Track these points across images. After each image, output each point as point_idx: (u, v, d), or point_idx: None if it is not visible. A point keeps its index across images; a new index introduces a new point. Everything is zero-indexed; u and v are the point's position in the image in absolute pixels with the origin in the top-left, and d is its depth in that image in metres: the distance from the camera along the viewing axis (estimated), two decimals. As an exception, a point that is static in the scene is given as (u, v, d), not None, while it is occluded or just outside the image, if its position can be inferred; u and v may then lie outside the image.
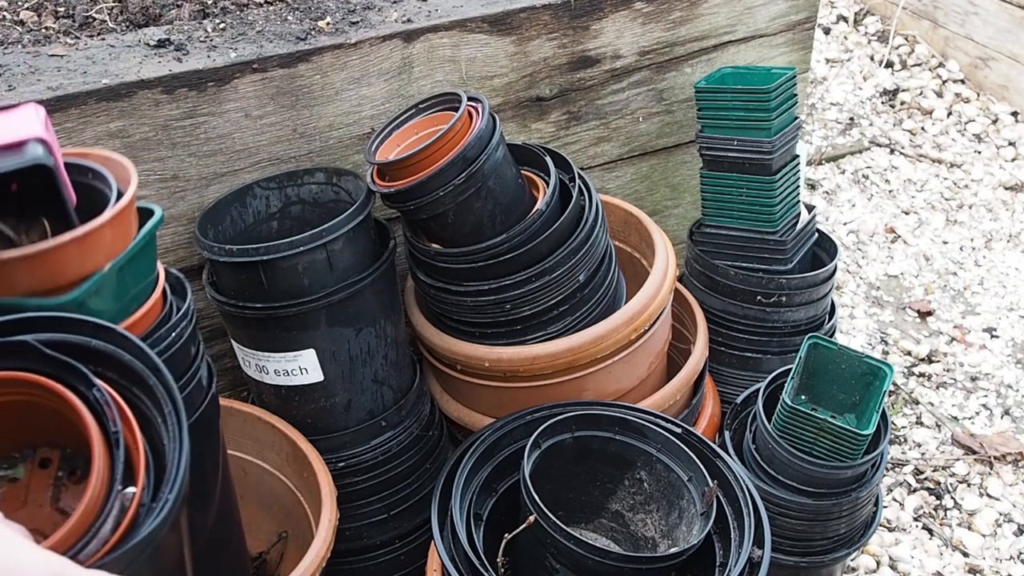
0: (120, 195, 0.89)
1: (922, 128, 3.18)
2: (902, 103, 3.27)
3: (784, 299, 1.67)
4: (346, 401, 1.38)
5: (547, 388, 1.38)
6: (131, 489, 0.67)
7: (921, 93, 3.30)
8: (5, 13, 1.52)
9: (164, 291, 0.99)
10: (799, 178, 1.72)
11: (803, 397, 1.54)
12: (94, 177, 0.91)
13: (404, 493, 1.48)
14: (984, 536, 1.85)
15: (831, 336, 1.74)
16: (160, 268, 0.98)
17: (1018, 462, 2.01)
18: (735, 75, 1.70)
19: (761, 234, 1.67)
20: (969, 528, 1.87)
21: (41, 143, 0.79)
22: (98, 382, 0.69)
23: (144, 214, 0.94)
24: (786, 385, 1.47)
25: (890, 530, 1.87)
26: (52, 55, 1.33)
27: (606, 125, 1.75)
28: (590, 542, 1.03)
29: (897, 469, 2.00)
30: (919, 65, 3.41)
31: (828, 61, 3.51)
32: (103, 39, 1.41)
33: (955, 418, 2.13)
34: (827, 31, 3.64)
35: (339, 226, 1.25)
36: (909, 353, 2.31)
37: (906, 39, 3.51)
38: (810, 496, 1.44)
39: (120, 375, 0.73)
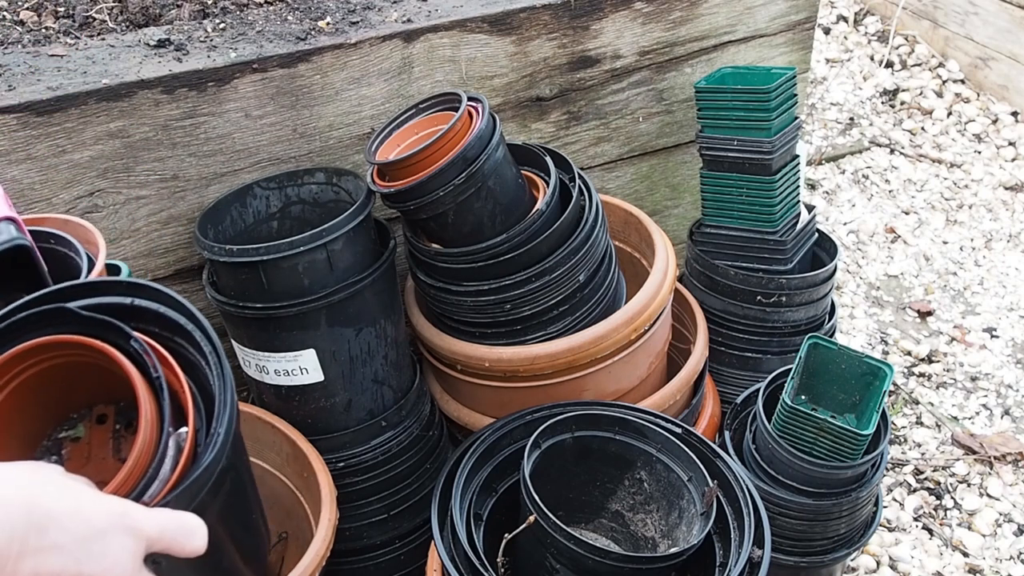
0: (90, 260, 0.92)
1: (922, 128, 3.18)
2: (902, 103, 3.27)
3: (784, 299, 1.67)
4: (346, 401, 1.38)
5: (547, 388, 1.38)
6: (184, 429, 0.69)
7: (921, 93, 3.30)
8: (5, 13, 1.52)
9: None
10: (799, 178, 1.72)
11: (803, 397, 1.54)
12: (57, 242, 0.93)
13: (404, 493, 1.48)
14: (984, 536, 1.85)
15: (831, 336, 1.74)
16: None
17: (1018, 462, 2.01)
18: (735, 75, 1.70)
19: (761, 234, 1.67)
20: (969, 528, 1.87)
21: (12, 222, 0.81)
22: (135, 333, 0.72)
23: (112, 270, 0.95)
24: (786, 385, 1.47)
25: (890, 530, 1.87)
26: (52, 55, 1.33)
27: (606, 125, 1.75)
28: (590, 542, 1.03)
29: (897, 469, 2.00)
30: (919, 65, 3.41)
31: (828, 61, 3.51)
32: (103, 39, 1.41)
33: (955, 418, 2.13)
34: (827, 31, 3.64)
35: (339, 226, 1.25)
36: (909, 353, 2.31)
37: (906, 39, 3.51)
38: (810, 496, 1.44)
39: (160, 327, 0.77)
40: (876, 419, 1.41)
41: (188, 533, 0.62)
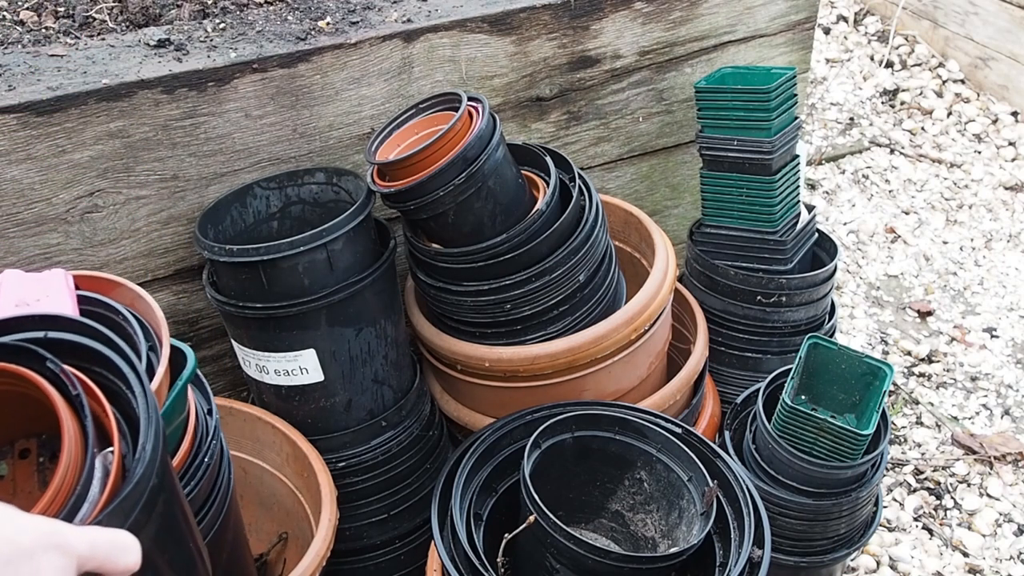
0: (152, 344, 0.91)
1: (922, 128, 3.18)
2: (902, 103, 3.27)
3: (784, 299, 1.67)
4: (346, 401, 1.38)
5: (547, 388, 1.38)
6: (110, 449, 0.67)
7: (921, 93, 3.30)
8: (5, 13, 1.52)
9: (195, 416, 1.00)
10: (799, 178, 1.72)
11: (803, 397, 1.54)
12: (123, 320, 0.92)
13: (404, 493, 1.48)
14: (984, 536, 1.85)
15: (831, 336, 1.74)
16: (191, 401, 0.99)
17: (1018, 462, 2.01)
18: (735, 75, 1.70)
19: (761, 234, 1.67)
20: (969, 528, 1.87)
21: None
22: (50, 356, 0.69)
23: (175, 352, 0.95)
24: (786, 385, 1.47)
25: (890, 530, 1.87)
26: (52, 55, 1.33)
27: (606, 125, 1.75)
28: (590, 542, 1.03)
29: (897, 469, 2.00)
30: (919, 65, 3.41)
31: (828, 61, 3.51)
32: (103, 39, 1.41)
33: (955, 418, 2.13)
34: (827, 31, 3.64)
35: (339, 226, 1.25)
36: (909, 353, 2.31)
37: (906, 39, 3.51)
38: (810, 496, 1.44)
39: (78, 358, 0.74)
40: (876, 419, 1.41)
41: (121, 549, 0.60)
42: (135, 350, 0.89)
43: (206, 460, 0.99)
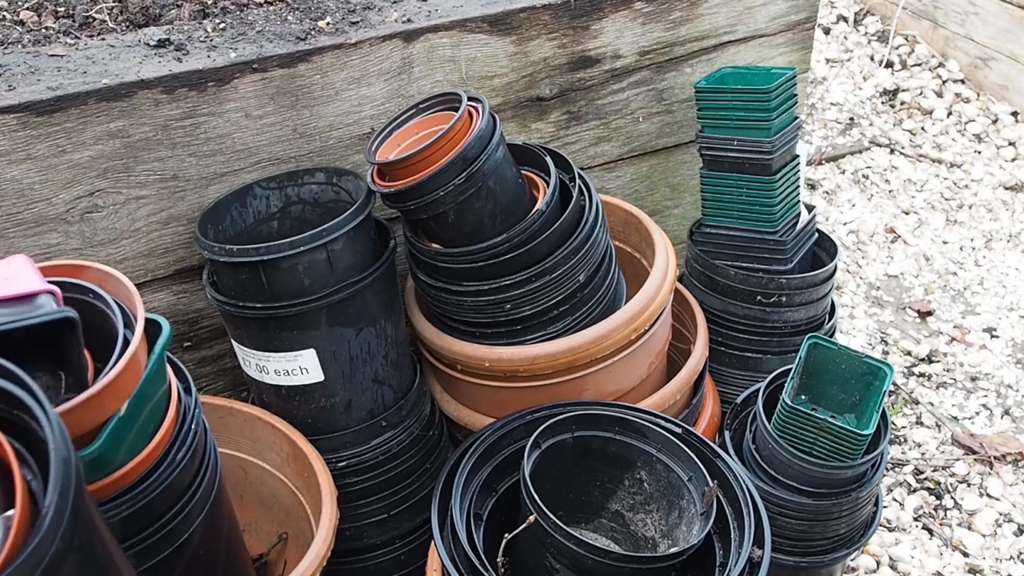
0: (126, 318, 0.90)
1: (922, 128, 3.18)
2: (902, 103, 3.27)
3: (784, 299, 1.67)
4: (346, 401, 1.38)
5: (547, 388, 1.38)
6: (11, 512, 0.60)
7: (921, 93, 3.30)
8: (5, 13, 1.52)
9: (177, 394, 1.00)
10: (799, 178, 1.72)
11: (803, 397, 1.54)
12: (94, 297, 0.92)
13: (404, 493, 1.48)
14: (984, 536, 1.85)
15: (831, 336, 1.74)
16: (169, 374, 0.99)
17: (1018, 462, 2.01)
18: (735, 75, 1.70)
19: (761, 234, 1.67)
20: (969, 528, 1.87)
21: (51, 295, 0.82)
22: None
23: (151, 325, 0.94)
24: (786, 385, 1.47)
25: (890, 530, 1.87)
26: (52, 55, 1.33)
27: (606, 125, 1.75)
28: (590, 542, 1.03)
29: (897, 469, 2.00)
30: (919, 65, 3.41)
31: (828, 61, 3.51)
32: (103, 39, 1.41)
33: (955, 418, 2.13)
34: (827, 31, 3.64)
35: (339, 226, 1.25)
36: (909, 353, 2.31)
37: (906, 39, 3.51)
38: (810, 496, 1.44)
39: None
40: (876, 419, 1.41)
41: None
42: (112, 328, 0.89)
43: (192, 427, 1.00)
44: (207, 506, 1.03)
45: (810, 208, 1.78)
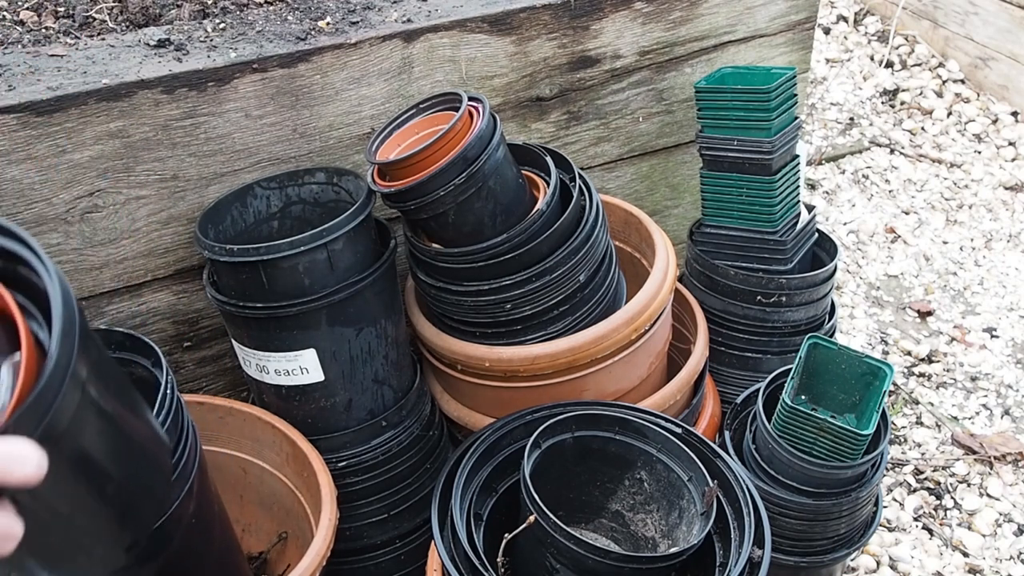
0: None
1: (922, 128, 3.18)
2: (902, 103, 3.27)
3: (784, 299, 1.67)
4: (346, 401, 1.38)
5: (547, 388, 1.38)
6: (17, 353, 0.61)
7: (921, 93, 3.30)
8: (5, 13, 1.52)
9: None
10: (799, 178, 1.72)
11: (803, 397, 1.54)
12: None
13: (404, 493, 1.48)
14: (984, 536, 1.85)
15: (831, 336, 1.74)
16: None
17: (1018, 462, 2.01)
18: (735, 75, 1.70)
19: (761, 234, 1.67)
20: (969, 528, 1.87)
21: None
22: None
23: None
24: (786, 385, 1.47)
25: (890, 530, 1.87)
26: (52, 55, 1.33)
27: (606, 125, 1.75)
28: (590, 542, 1.03)
29: (897, 469, 2.00)
30: (919, 65, 3.41)
31: (828, 61, 3.51)
32: (103, 39, 1.41)
33: (955, 418, 2.13)
34: (827, 31, 3.64)
35: (340, 226, 1.25)
36: (909, 353, 2.31)
37: (906, 39, 3.51)
38: (810, 496, 1.44)
39: None
40: (876, 419, 1.41)
41: (16, 459, 0.56)
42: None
43: (168, 392, 1.01)
44: (192, 475, 1.03)
45: (810, 208, 1.78)
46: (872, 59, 3.49)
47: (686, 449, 1.20)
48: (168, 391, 1.01)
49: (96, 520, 0.69)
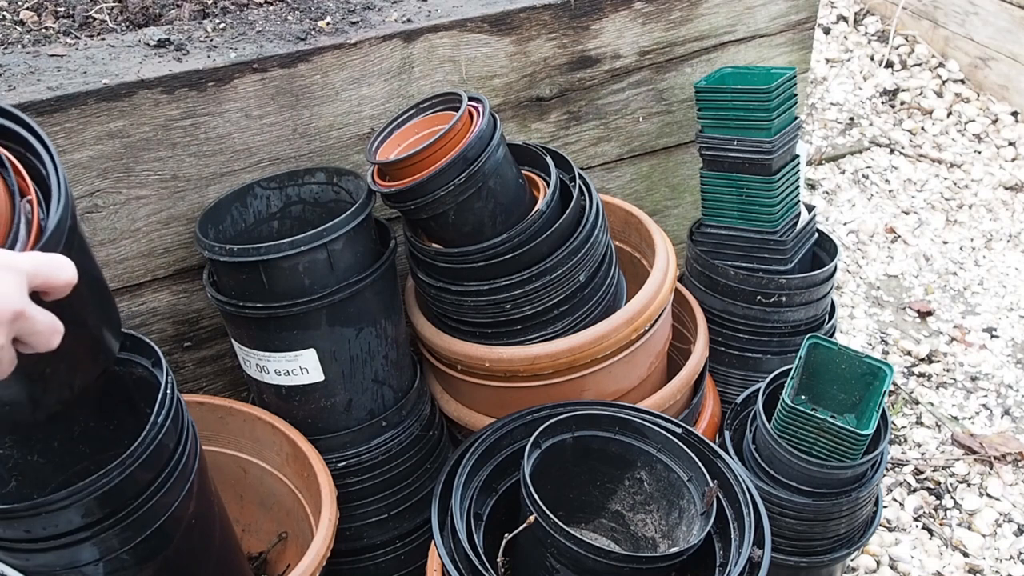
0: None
1: (922, 128, 3.18)
2: (902, 103, 3.27)
3: (784, 299, 1.67)
4: (346, 401, 1.38)
5: (547, 388, 1.38)
6: (27, 199, 0.80)
7: (921, 93, 3.30)
8: (5, 13, 1.52)
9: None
10: (799, 178, 1.72)
11: (803, 397, 1.54)
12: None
13: (404, 493, 1.48)
14: (984, 536, 1.85)
15: (831, 336, 1.74)
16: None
17: (1018, 462, 2.01)
18: (735, 75, 1.70)
19: (761, 234, 1.67)
20: (969, 528, 1.87)
21: None
22: None
23: None
24: (786, 385, 1.47)
25: (890, 530, 1.87)
26: (52, 55, 1.33)
27: (606, 125, 1.75)
28: (590, 542, 1.03)
29: (897, 469, 2.00)
30: (919, 65, 3.41)
31: (828, 61, 3.51)
32: (103, 39, 1.41)
33: (955, 418, 2.13)
34: (827, 31, 3.64)
35: (340, 226, 1.25)
36: (909, 353, 2.31)
37: (906, 39, 3.51)
38: (810, 496, 1.44)
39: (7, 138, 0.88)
40: (876, 419, 1.41)
41: (59, 266, 0.74)
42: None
43: (169, 392, 1.02)
44: (193, 473, 1.04)
45: (810, 208, 1.78)
46: (872, 59, 3.49)
47: (686, 449, 1.20)
48: (168, 391, 1.01)
49: (89, 334, 0.89)
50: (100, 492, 0.91)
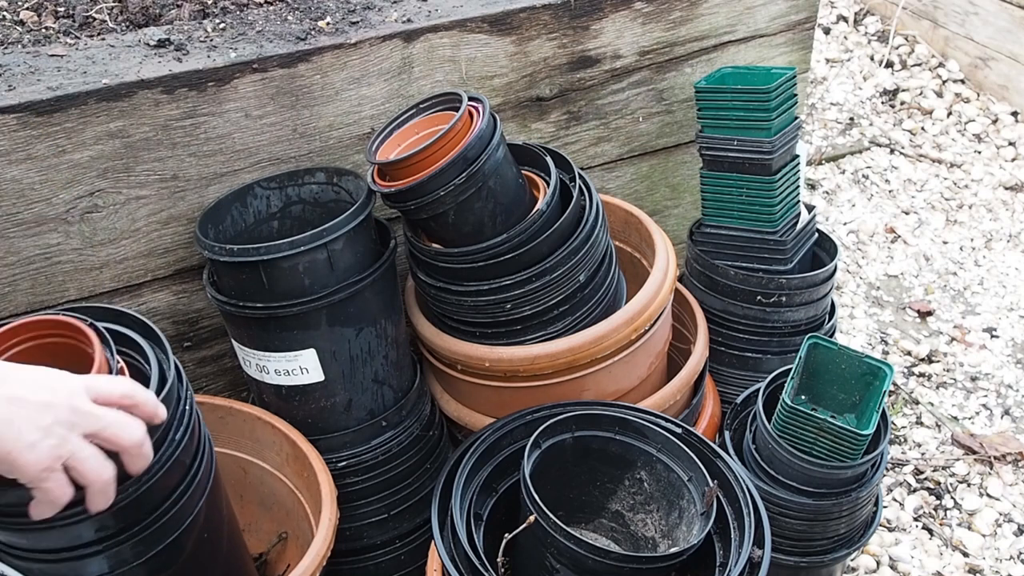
0: None
1: (922, 128, 3.18)
2: (902, 103, 3.27)
3: (784, 299, 1.67)
4: (346, 401, 1.38)
5: (547, 388, 1.38)
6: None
7: (921, 93, 3.30)
8: (5, 13, 1.52)
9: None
10: (799, 178, 1.72)
11: (803, 397, 1.54)
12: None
13: (404, 493, 1.48)
14: (984, 536, 1.86)
15: (831, 336, 1.74)
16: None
17: (1018, 462, 2.01)
18: (735, 75, 1.70)
19: (761, 234, 1.67)
20: (969, 528, 1.87)
21: None
22: (100, 328, 0.96)
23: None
24: (786, 385, 1.47)
25: (890, 530, 1.87)
26: (52, 55, 1.33)
27: (606, 125, 1.75)
28: (590, 542, 1.03)
29: (897, 469, 2.00)
30: (919, 65, 3.41)
31: (828, 61, 3.51)
32: (103, 39, 1.41)
33: (955, 418, 2.13)
34: (827, 31, 3.64)
35: (340, 226, 1.25)
36: (909, 353, 2.31)
37: (906, 39, 3.51)
38: (810, 496, 1.44)
39: (120, 344, 1.02)
40: (876, 419, 1.41)
41: (142, 395, 0.87)
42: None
43: (187, 407, 1.02)
44: (208, 487, 1.04)
45: (810, 208, 1.78)
46: (872, 59, 3.49)
47: (686, 449, 1.20)
48: (187, 407, 1.01)
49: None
50: (115, 507, 0.91)
